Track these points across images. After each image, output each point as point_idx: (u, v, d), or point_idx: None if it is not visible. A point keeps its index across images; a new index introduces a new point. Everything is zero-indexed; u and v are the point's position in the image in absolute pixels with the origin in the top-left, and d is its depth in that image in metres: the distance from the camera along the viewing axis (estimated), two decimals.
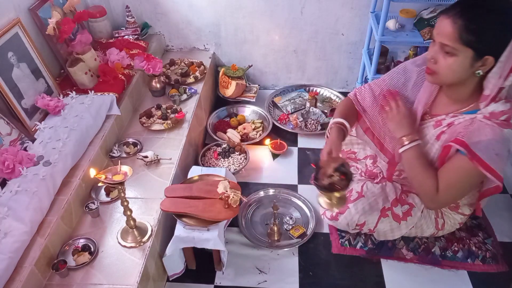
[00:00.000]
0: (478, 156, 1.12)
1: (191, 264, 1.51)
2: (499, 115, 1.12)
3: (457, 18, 1.07)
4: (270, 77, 2.50)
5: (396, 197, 1.44)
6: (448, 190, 1.23)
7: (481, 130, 1.13)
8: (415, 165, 1.27)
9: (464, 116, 1.21)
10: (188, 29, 2.33)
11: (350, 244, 1.57)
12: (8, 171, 1.29)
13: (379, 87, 1.42)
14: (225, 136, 2.07)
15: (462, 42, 1.08)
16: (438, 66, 1.16)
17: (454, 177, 1.21)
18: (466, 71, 1.13)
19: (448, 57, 1.12)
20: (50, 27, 1.64)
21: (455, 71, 1.14)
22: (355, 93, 1.48)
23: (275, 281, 1.49)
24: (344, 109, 1.45)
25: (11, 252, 1.11)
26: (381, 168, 1.55)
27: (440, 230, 1.48)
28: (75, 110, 1.59)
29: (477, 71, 1.13)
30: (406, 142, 1.29)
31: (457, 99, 1.24)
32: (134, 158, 1.63)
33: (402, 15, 1.99)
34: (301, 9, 2.20)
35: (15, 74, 1.50)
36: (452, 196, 1.28)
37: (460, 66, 1.12)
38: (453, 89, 1.23)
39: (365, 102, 1.44)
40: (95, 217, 1.41)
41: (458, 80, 1.17)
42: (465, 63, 1.11)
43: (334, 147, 1.29)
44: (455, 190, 1.24)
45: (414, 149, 1.28)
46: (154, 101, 1.97)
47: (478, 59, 1.10)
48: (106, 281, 1.21)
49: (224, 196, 1.39)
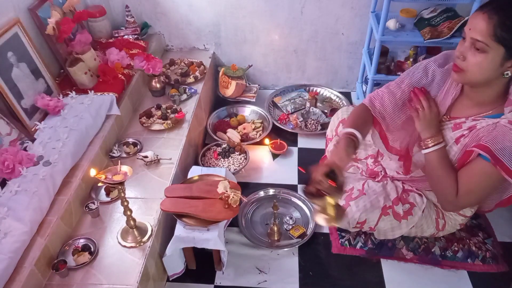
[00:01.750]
0: (502, 161, 1.09)
1: (191, 264, 1.51)
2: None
3: (493, 14, 1.05)
4: (270, 77, 2.50)
5: (397, 196, 1.44)
6: (468, 194, 1.21)
7: (506, 136, 1.10)
8: (437, 168, 1.25)
9: (487, 120, 1.17)
10: (188, 29, 2.33)
11: (350, 244, 1.57)
12: (8, 171, 1.29)
13: (399, 89, 1.35)
14: (225, 136, 2.07)
15: (495, 38, 1.05)
16: (467, 64, 1.11)
17: (475, 182, 1.19)
18: (494, 71, 1.10)
19: (478, 53, 1.08)
20: (49, 27, 1.64)
21: (483, 69, 1.10)
22: (370, 99, 1.39)
23: (275, 281, 1.49)
24: (357, 118, 1.35)
25: (11, 252, 1.11)
26: (383, 166, 1.55)
27: (440, 230, 1.48)
28: (75, 110, 1.59)
29: (506, 71, 1.10)
30: (430, 144, 1.26)
31: (479, 102, 1.21)
32: (134, 158, 1.63)
33: (403, 15, 1.99)
34: (301, 9, 2.20)
35: (15, 74, 1.50)
36: (471, 200, 1.27)
37: (490, 64, 1.08)
38: (477, 91, 1.19)
39: (385, 108, 1.36)
40: (95, 217, 1.41)
41: (485, 80, 1.13)
42: (495, 61, 1.08)
43: (338, 160, 1.16)
44: (475, 194, 1.22)
45: (439, 151, 1.25)
46: (154, 101, 1.97)
47: (509, 59, 1.07)
48: (106, 281, 1.21)
49: (224, 196, 1.39)
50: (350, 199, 1.45)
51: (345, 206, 1.44)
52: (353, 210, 1.43)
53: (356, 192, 1.46)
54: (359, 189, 1.47)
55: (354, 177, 1.55)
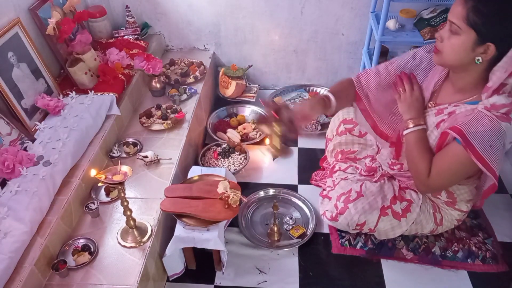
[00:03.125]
0: (472, 145, 1.13)
1: (191, 264, 1.51)
2: (499, 108, 1.13)
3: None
4: (270, 77, 2.50)
5: (394, 195, 1.44)
6: (438, 175, 1.25)
7: (479, 120, 1.14)
8: (413, 148, 1.30)
9: (466, 106, 1.22)
10: (188, 29, 2.33)
11: (350, 244, 1.57)
12: (8, 171, 1.29)
13: (386, 70, 1.41)
14: (225, 136, 2.07)
15: (467, 22, 1.09)
16: (443, 45, 1.17)
17: (446, 163, 1.23)
18: (466, 55, 1.14)
19: (453, 36, 1.14)
20: (50, 27, 1.64)
21: (455, 51, 1.15)
22: (358, 75, 1.44)
23: (275, 281, 1.49)
24: (338, 89, 1.41)
25: (11, 252, 1.11)
26: (380, 162, 1.55)
27: (439, 225, 1.48)
28: (75, 110, 1.59)
29: (477, 57, 1.13)
30: (411, 125, 1.31)
31: (460, 88, 1.25)
32: (134, 158, 1.63)
33: (402, 15, 1.99)
34: (301, 9, 2.20)
35: (15, 74, 1.50)
36: (442, 181, 1.29)
37: (461, 47, 1.13)
38: (458, 77, 1.24)
39: (369, 86, 1.42)
40: (95, 217, 1.41)
41: (458, 62, 1.17)
42: (466, 45, 1.12)
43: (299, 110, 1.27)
44: (445, 176, 1.26)
45: (417, 133, 1.30)
46: (154, 101, 1.97)
47: (480, 44, 1.11)
48: (106, 281, 1.21)
49: (224, 196, 1.39)
50: (349, 202, 1.45)
51: (343, 208, 1.45)
52: (352, 213, 1.43)
53: (354, 194, 1.46)
54: (357, 191, 1.47)
55: (353, 179, 1.55)
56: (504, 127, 1.13)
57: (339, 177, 1.59)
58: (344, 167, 1.63)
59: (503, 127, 1.13)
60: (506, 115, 1.14)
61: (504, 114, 1.13)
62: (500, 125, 1.13)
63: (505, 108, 1.13)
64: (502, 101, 1.13)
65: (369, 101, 1.44)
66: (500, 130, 1.13)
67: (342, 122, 1.72)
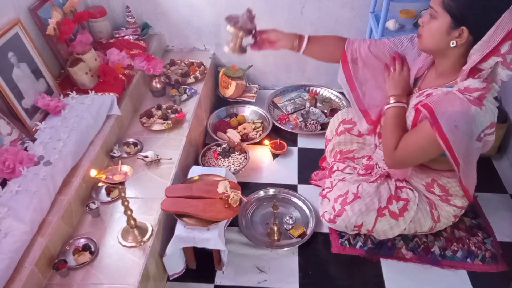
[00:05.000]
0: (438, 123, 1.16)
1: (191, 263, 1.51)
2: (472, 91, 1.15)
3: None
4: (270, 77, 2.50)
5: (391, 194, 1.44)
6: (404, 149, 1.29)
7: (451, 101, 1.17)
8: (389, 122, 1.35)
9: (443, 89, 1.25)
10: (188, 29, 2.33)
11: (349, 244, 1.57)
12: (8, 171, 1.30)
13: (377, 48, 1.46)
14: (225, 136, 2.08)
15: (443, 6, 1.15)
16: (423, 30, 1.23)
17: (413, 138, 1.27)
18: (442, 38, 1.18)
19: (431, 20, 1.20)
20: (50, 27, 1.65)
21: (433, 35, 1.20)
22: (352, 39, 1.49)
23: (275, 281, 1.49)
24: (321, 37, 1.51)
25: (12, 252, 1.12)
26: (377, 160, 1.55)
27: (437, 222, 1.48)
28: (75, 110, 1.60)
29: (452, 41, 1.17)
30: (392, 100, 1.36)
31: (441, 74, 1.29)
32: (134, 158, 1.63)
33: (402, 16, 2.00)
34: (301, 9, 2.20)
35: (16, 74, 1.50)
36: (406, 155, 1.31)
37: (438, 31, 1.18)
38: (438, 62, 1.28)
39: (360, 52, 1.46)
40: (95, 217, 1.41)
41: (436, 46, 1.22)
42: (442, 29, 1.17)
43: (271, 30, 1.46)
44: (410, 150, 1.29)
45: (396, 109, 1.34)
46: (155, 101, 1.97)
47: (454, 28, 1.15)
48: (107, 280, 1.21)
49: (224, 196, 1.39)
50: (345, 204, 1.45)
51: (340, 210, 1.45)
52: (349, 215, 1.43)
53: (351, 196, 1.46)
54: (353, 192, 1.46)
55: (350, 180, 1.55)
56: (473, 111, 1.14)
57: (337, 178, 1.59)
58: (342, 167, 1.63)
59: (472, 110, 1.14)
60: (479, 100, 1.15)
61: (476, 98, 1.15)
62: (471, 108, 1.14)
63: (478, 92, 1.14)
64: (476, 85, 1.14)
65: (356, 67, 1.47)
66: (469, 113, 1.14)
67: (341, 122, 1.72)
